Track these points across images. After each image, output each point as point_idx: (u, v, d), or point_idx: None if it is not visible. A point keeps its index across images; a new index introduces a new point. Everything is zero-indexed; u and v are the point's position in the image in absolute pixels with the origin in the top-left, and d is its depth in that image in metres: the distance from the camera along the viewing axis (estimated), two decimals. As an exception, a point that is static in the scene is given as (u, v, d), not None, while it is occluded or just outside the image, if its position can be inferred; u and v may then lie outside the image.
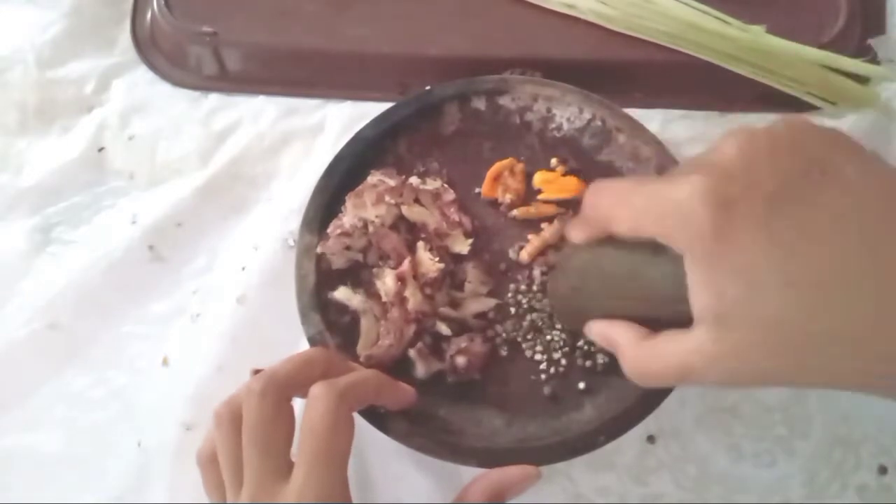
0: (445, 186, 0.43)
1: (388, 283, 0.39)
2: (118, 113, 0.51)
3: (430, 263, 0.39)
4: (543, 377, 0.39)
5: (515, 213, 0.43)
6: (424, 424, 0.37)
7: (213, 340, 0.42)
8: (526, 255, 0.42)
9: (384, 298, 0.39)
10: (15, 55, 0.52)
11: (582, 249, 0.34)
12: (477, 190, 0.44)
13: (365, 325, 0.40)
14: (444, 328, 0.39)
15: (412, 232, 0.42)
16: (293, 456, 0.31)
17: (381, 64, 0.49)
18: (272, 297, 0.43)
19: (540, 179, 0.43)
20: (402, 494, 0.39)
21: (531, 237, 0.42)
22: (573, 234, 0.34)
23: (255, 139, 0.49)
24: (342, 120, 0.49)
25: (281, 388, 0.32)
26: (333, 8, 0.51)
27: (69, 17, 0.54)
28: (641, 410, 0.37)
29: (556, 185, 0.43)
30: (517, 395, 0.39)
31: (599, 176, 0.42)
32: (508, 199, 0.43)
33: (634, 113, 0.44)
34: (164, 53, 0.53)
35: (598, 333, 0.33)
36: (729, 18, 0.46)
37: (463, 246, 0.41)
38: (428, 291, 0.39)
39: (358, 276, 0.41)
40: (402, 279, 0.39)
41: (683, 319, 0.28)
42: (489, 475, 0.35)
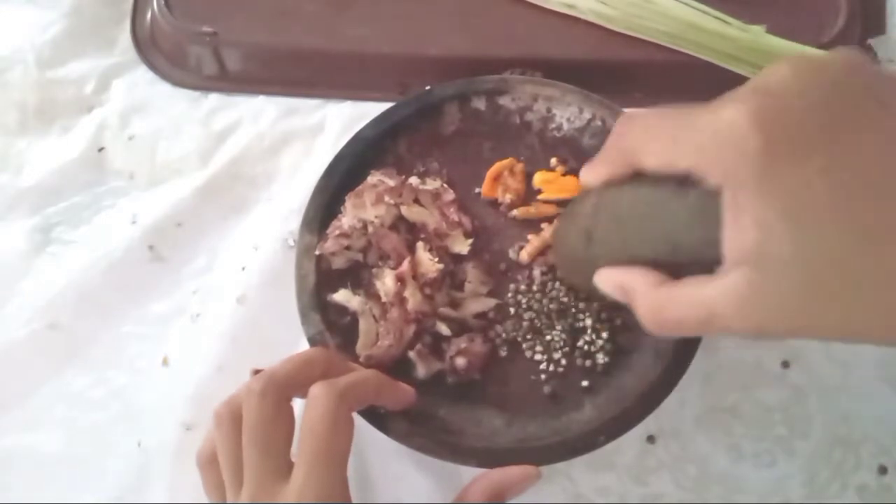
0: (445, 186, 0.43)
1: (387, 283, 0.39)
2: (118, 113, 0.51)
3: (429, 264, 0.39)
4: (543, 377, 0.39)
5: (515, 213, 0.43)
6: (424, 424, 0.37)
7: (213, 340, 0.42)
8: (526, 255, 0.42)
9: (384, 299, 0.39)
10: (15, 55, 0.52)
11: (596, 191, 0.31)
12: (477, 190, 0.44)
13: (364, 325, 0.39)
14: (443, 328, 0.39)
15: (412, 232, 0.42)
16: (293, 456, 0.31)
17: (381, 64, 0.50)
18: (272, 297, 0.43)
19: (540, 179, 0.43)
20: (402, 494, 0.39)
21: (531, 237, 0.42)
22: (590, 175, 0.30)
23: (255, 139, 0.49)
24: (342, 120, 0.49)
25: (281, 388, 0.32)
26: (333, 8, 0.51)
27: (69, 17, 0.54)
28: (641, 410, 0.37)
29: (556, 185, 0.43)
30: (517, 395, 0.39)
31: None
32: (508, 199, 0.43)
33: (634, 113, 0.44)
34: (164, 53, 0.53)
35: (609, 280, 0.30)
36: (729, 18, 0.46)
37: (463, 246, 0.41)
38: (428, 292, 0.39)
39: (358, 276, 0.41)
40: (401, 279, 0.39)
41: (707, 265, 0.25)
42: (489, 475, 0.35)
